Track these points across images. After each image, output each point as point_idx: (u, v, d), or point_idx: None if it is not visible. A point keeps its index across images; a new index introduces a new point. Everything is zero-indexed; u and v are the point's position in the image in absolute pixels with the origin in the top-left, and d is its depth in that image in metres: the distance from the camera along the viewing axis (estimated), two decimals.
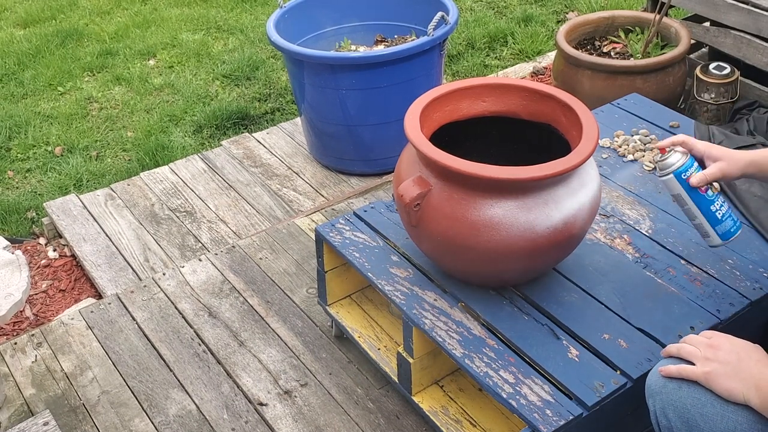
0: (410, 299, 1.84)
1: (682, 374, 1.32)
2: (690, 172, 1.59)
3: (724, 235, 1.63)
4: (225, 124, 3.53)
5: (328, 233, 2.06)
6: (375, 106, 2.82)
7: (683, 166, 1.59)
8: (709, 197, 1.61)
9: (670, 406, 1.31)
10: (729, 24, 2.91)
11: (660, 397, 1.33)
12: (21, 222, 3.03)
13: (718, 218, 1.62)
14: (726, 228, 1.63)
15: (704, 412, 1.28)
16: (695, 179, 1.58)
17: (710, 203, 1.61)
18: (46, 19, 4.58)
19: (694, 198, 1.61)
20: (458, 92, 1.88)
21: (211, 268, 2.55)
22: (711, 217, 1.62)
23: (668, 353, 1.38)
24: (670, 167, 1.60)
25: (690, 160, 1.60)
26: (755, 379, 1.26)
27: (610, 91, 2.82)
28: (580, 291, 1.83)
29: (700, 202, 1.61)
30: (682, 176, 1.59)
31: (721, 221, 1.62)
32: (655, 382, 1.35)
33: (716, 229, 1.63)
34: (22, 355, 2.29)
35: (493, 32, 4.05)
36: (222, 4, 4.65)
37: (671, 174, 1.60)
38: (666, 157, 1.61)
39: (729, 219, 1.63)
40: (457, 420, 1.85)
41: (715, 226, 1.62)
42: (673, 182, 1.61)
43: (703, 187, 1.60)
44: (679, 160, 1.60)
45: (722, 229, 1.63)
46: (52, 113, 3.69)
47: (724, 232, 1.63)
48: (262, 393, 2.11)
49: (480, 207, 1.63)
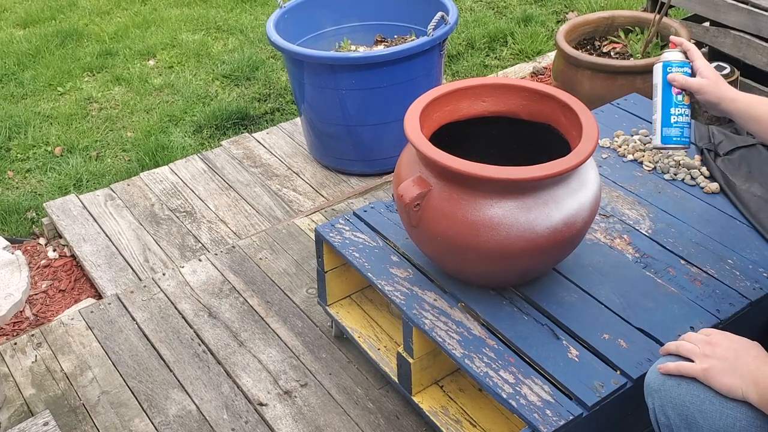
0: (410, 299, 1.84)
1: (681, 371, 1.32)
2: (676, 70, 1.66)
3: (665, 139, 1.68)
4: (225, 124, 3.53)
5: (328, 233, 2.06)
6: (375, 106, 2.82)
7: (674, 62, 1.66)
8: (677, 101, 1.66)
9: (669, 404, 1.32)
10: (729, 24, 2.92)
11: (659, 395, 1.34)
12: (21, 222, 3.03)
13: (670, 121, 1.67)
14: (671, 133, 1.67)
15: (703, 408, 1.28)
16: (673, 75, 1.65)
17: (673, 105, 1.66)
18: (46, 20, 4.58)
19: (664, 92, 1.67)
20: (458, 92, 1.88)
21: (211, 268, 2.55)
22: (666, 116, 1.67)
23: (667, 351, 1.38)
24: (666, 58, 1.68)
25: (685, 62, 1.66)
26: (753, 375, 1.26)
27: (609, 91, 2.82)
28: (580, 291, 1.83)
29: (666, 99, 1.67)
30: (668, 69, 1.67)
31: (671, 125, 1.67)
32: (654, 380, 1.35)
33: (662, 130, 1.67)
34: (22, 356, 2.29)
35: (492, 32, 4.05)
36: (222, 4, 4.65)
37: (661, 63, 1.68)
38: (670, 51, 1.68)
39: (677, 128, 1.67)
40: (457, 420, 1.85)
41: (663, 126, 1.67)
42: (658, 70, 1.68)
43: (676, 89, 1.66)
44: (676, 58, 1.67)
45: (667, 132, 1.67)
46: (51, 113, 3.69)
47: (666, 136, 1.68)
48: (262, 393, 2.12)
49: (480, 207, 1.63)
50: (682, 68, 1.66)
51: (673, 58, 1.67)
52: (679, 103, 1.67)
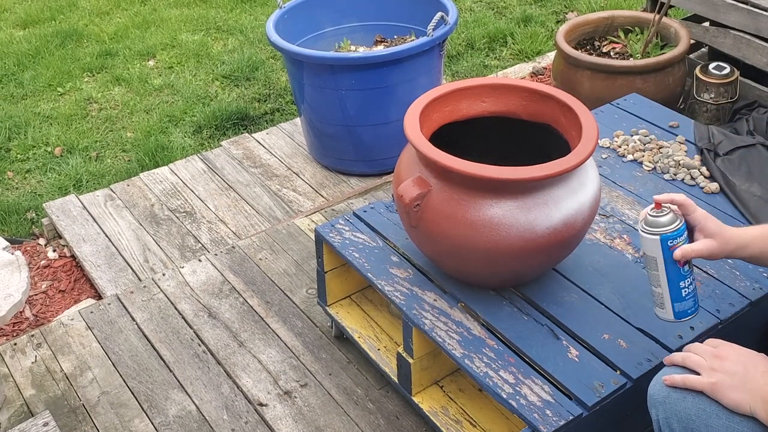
0: (410, 299, 1.84)
1: (688, 384, 1.29)
2: (677, 242, 1.43)
3: (679, 314, 1.49)
4: (224, 124, 3.53)
5: (328, 233, 2.06)
6: (375, 106, 2.82)
7: (673, 233, 1.42)
8: (684, 272, 1.45)
9: (674, 417, 1.30)
10: (728, 24, 2.91)
11: (663, 407, 1.31)
12: (20, 222, 3.03)
13: (682, 295, 1.47)
14: (684, 307, 1.48)
15: (709, 423, 1.26)
16: (679, 253, 1.42)
17: (682, 278, 1.46)
18: (46, 20, 4.58)
19: (668, 268, 1.45)
20: (458, 92, 1.88)
21: (211, 268, 2.55)
22: (676, 292, 1.47)
23: (672, 362, 1.35)
24: (659, 228, 1.43)
25: (682, 227, 1.43)
26: (762, 392, 1.24)
27: (609, 91, 2.82)
28: (579, 291, 1.83)
29: (673, 275, 1.45)
30: (668, 242, 1.43)
31: (684, 299, 1.47)
32: (658, 392, 1.33)
33: (674, 306, 1.48)
34: (21, 356, 2.29)
35: (492, 32, 4.05)
36: (221, 4, 4.65)
37: (658, 237, 1.43)
38: (659, 215, 1.43)
39: (691, 299, 1.48)
40: (457, 420, 1.85)
41: (675, 302, 1.47)
42: (656, 245, 1.43)
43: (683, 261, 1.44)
44: (672, 224, 1.43)
45: (680, 307, 1.48)
46: (51, 114, 3.69)
47: (680, 311, 1.48)
48: (262, 393, 2.11)
49: (480, 207, 1.63)
50: (682, 236, 1.43)
51: (669, 227, 1.42)
52: (687, 274, 1.46)
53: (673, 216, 1.43)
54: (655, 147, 2.27)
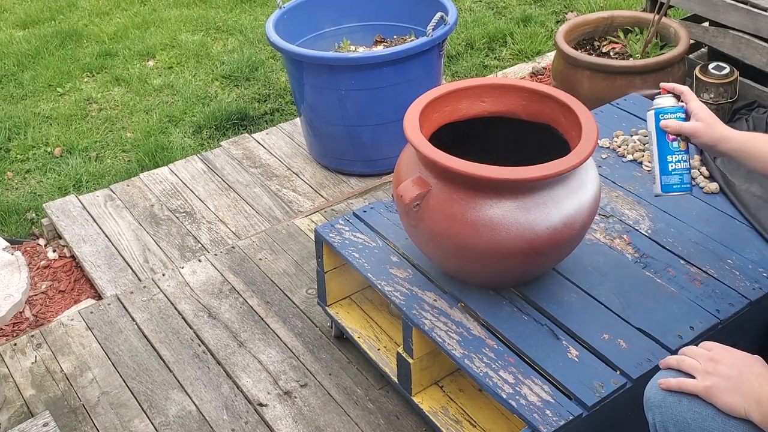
0: (410, 300, 1.84)
1: (683, 388, 1.30)
2: (669, 116, 1.63)
3: (665, 187, 1.66)
4: (224, 124, 3.53)
5: (328, 234, 2.06)
6: (374, 106, 2.82)
7: (667, 109, 1.64)
8: (672, 147, 1.64)
9: (670, 420, 1.30)
10: (728, 24, 2.92)
11: (659, 411, 1.31)
12: (20, 223, 3.03)
13: (668, 169, 1.65)
14: (670, 181, 1.65)
15: (705, 426, 1.26)
16: (665, 121, 1.63)
17: (669, 152, 1.64)
18: (46, 20, 4.58)
19: (659, 140, 1.65)
20: (457, 92, 1.88)
21: (211, 268, 2.55)
22: (663, 164, 1.65)
23: (667, 365, 1.35)
24: (656, 105, 1.65)
25: (678, 108, 1.63)
26: (756, 395, 1.24)
27: (609, 91, 2.82)
28: (579, 291, 1.83)
29: (662, 147, 1.65)
30: (660, 116, 1.64)
31: (670, 173, 1.65)
32: (654, 395, 1.33)
33: (661, 178, 1.66)
34: (21, 356, 2.29)
35: (492, 32, 4.05)
36: (221, 4, 4.66)
37: (653, 110, 1.65)
38: (661, 97, 1.66)
39: (677, 175, 1.65)
40: (457, 420, 1.85)
41: (662, 175, 1.65)
42: (651, 118, 1.65)
43: (671, 136, 1.63)
44: (668, 103, 1.64)
45: (666, 180, 1.65)
46: (51, 114, 3.69)
47: (666, 184, 1.66)
48: (261, 393, 2.12)
49: (479, 207, 1.63)
50: (675, 114, 1.64)
51: (664, 104, 1.65)
52: (676, 150, 1.64)
53: (672, 99, 1.65)
54: None
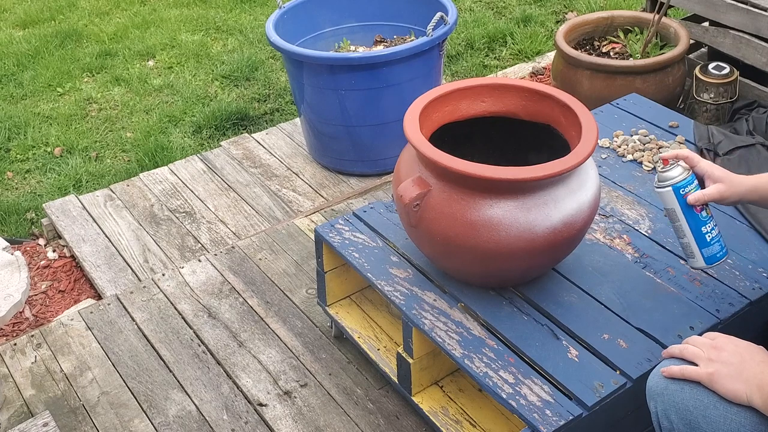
0: (410, 300, 1.84)
1: (685, 375, 1.31)
2: (688, 189, 1.56)
3: (709, 259, 1.60)
4: (224, 124, 3.53)
5: (328, 234, 2.06)
6: (374, 106, 2.82)
7: (683, 182, 1.56)
8: (702, 218, 1.58)
9: (672, 408, 1.31)
10: (728, 24, 2.92)
11: (662, 399, 1.32)
12: (20, 223, 3.03)
13: (706, 240, 1.59)
14: (712, 252, 1.60)
15: (707, 414, 1.27)
16: (692, 197, 1.55)
17: (702, 224, 1.58)
18: (45, 20, 4.58)
19: (687, 216, 1.58)
20: (457, 92, 1.88)
21: (211, 268, 2.55)
22: (700, 238, 1.59)
23: (670, 354, 1.37)
24: (669, 180, 1.57)
25: (691, 176, 1.57)
26: (758, 380, 1.25)
27: (609, 91, 2.82)
28: (579, 291, 1.83)
29: (693, 222, 1.58)
30: (680, 191, 1.56)
31: (709, 244, 1.59)
32: (657, 384, 1.34)
33: (702, 252, 1.60)
34: (21, 356, 2.29)
35: (492, 32, 4.05)
36: (221, 4, 4.65)
37: (670, 187, 1.57)
38: (667, 169, 1.57)
39: (717, 244, 1.60)
40: (456, 420, 1.85)
41: (702, 248, 1.59)
42: (670, 196, 1.57)
43: (698, 207, 1.57)
44: (680, 175, 1.56)
45: (708, 253, 1.60)
46: (51, 114, 3.69)
47: (709, 256, 1.60)
48: (261, 393, 2.11)
49: (479, 207, 1.63)
50: (693, 183, 1.57)
51: (679, 178, 1.56)
52: (707, 219, 1.58)
53: (681, 168, 1.57)
54: (655, 147, 2.27)
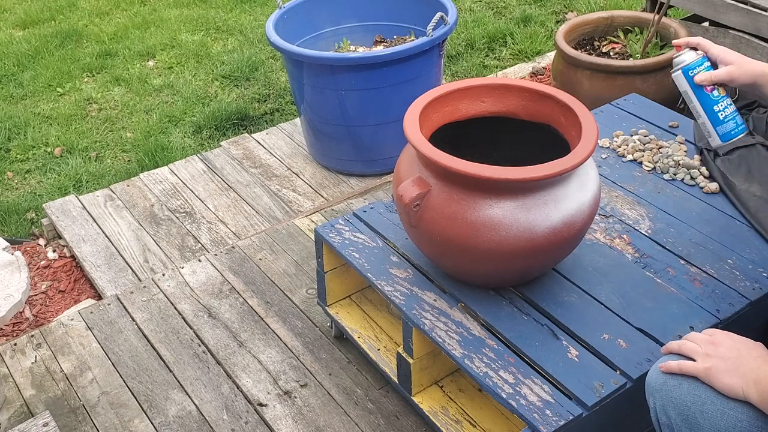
0: (410, 300, 1.84)
1: (683, 370, 1.32)
2: (698, 70, 1.62)
3: (724, 136, 1.65)
4: (224, 124, 3.53)
5: (328, 234, 2.06)
6: (374, 106, 2.82)
7: (692, 63, 1.63)
8: (714, 97, 1.63)
9: (670, 404, 1.32)
10: (728, 24, 2.92)
11: (660, 395, 1.33)
12: (20, 223, 3.03)
13: (720, 119, 1.64)
14: (727, 129, 1.65)
15: (704, 409, 1.28)
16: (700, 77, 1.62)
17: (714, 103, 1.63)
18: (45, 20, 4.58)
19: (698, 96, 1.64)
20: (457, 93, 1.88)
21: (211, 268, 2.55)
22: (713, 116, 1.64)
23: (668, 350, 1.38)
24: (680, 64, 1.64)
25: (702, 59, 1.63)
26: (755, 374, 1.26)
27: (609, 91, 2.82)
28: (579, 291, 1.83)
29: (704, 101, 1.64)
30: (689, 73, 1.63)
31: (723, 122, 1.64)
32: (655, 380, 1.35)
33: (717, 129, 1.65)
34: (21, 356, 2.29)
35: (492, 33, 4.05)
36: (221, 4, 4.66)
37: (680, 70, 1.64)
38: (679, 54, 1.65)
39: (731, 121, 1.65)
40: (456, 420, 1.85)
41: (716, 126, 1.65)
42: (681, 78, 1.64)
43: (709, 87, 1.62)
44: (690, 58, 1.63)
45: (723, 130, 1.65)
46: (51, 114, 3.69)
47: (724, 133, 1.65)
48: (261, 393, 2.12)
49: (479, 207, 1.63)
50: (702, 65, 1.63)
51: (689, 60, 1.64)
52: (719, 98, 1.64)
53: (692, 53, 1.64)
54: (655, 147, 2.27)
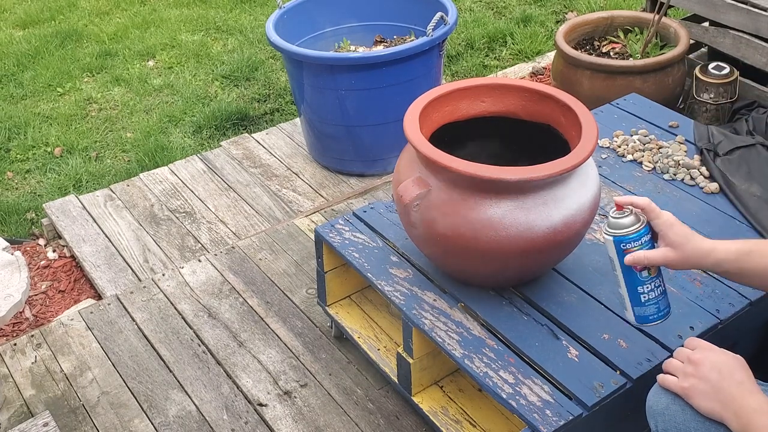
0: (410, 300, 1.84)
1: (665, 385, 1.31)
2: (632, 246, 1.40)
3: (639, 319, 1.48)
4: (224, 124, 3.53)
5: (328, 234, 2.06)
6: (374, 106, 2.82)
7: (628, 237, 1.40)
8: (642, 278, 1.43)
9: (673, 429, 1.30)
10: (728, 24, 2.92)
11: (662, 419, 1.31)
12: (20, 223, 3.03)
13: (641, 301, 1.46)
14: (644, 313, 1.47)
15: None
16: (630, 257, 1.40)
17: (639, 284, 1.44)
18: (45, 20, 4.58)
19: (623, 271, 1.44)
20: (457, 92, 1.88)
21: (211, 268, 2.55)
22: (634, 296, 1.46)
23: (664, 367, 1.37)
24: (614, 229, 1.42)
25: (642, 230, 1.40)
26: (735, 406, 1.22)
27: (609, 91, 2.82)
28: (579, 291, 1.83)
29: (629, 279, 1.44)
30: (621, 246, 1.41)
31: (643, 305, 1.46)
32: (657, 402, 1.33)
33: (634, 309, 1.47)
34: (21, 356, 2.29)
35: (492, 32, 4.05)
36: (221, 4, 4.65)
37: (611, 238, 1.42)
38: (618, 216, 1.42)
39: (653, 305, 1.46)
40: (456, 420, 1.85)
41: (634, 306, 1.47)
42: (611, 246, 1.43)
43: (638, 267, 1.42)
44: (629, 228, 1.40)
45: (640, 312, 1.47)
46: (51, 114, 3.69)
47: (640, 316, 1.47)
48: (261, 393, 2.12)
49: (479, 207, 1.63)
50: (639, 240, 1.40)
51: (625, 231, 1.40)
52: (647, 279, 1.43)
53: (633, 219, 1.41)
54: (655, 147, 2.27)
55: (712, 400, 1.24)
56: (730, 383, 1.25)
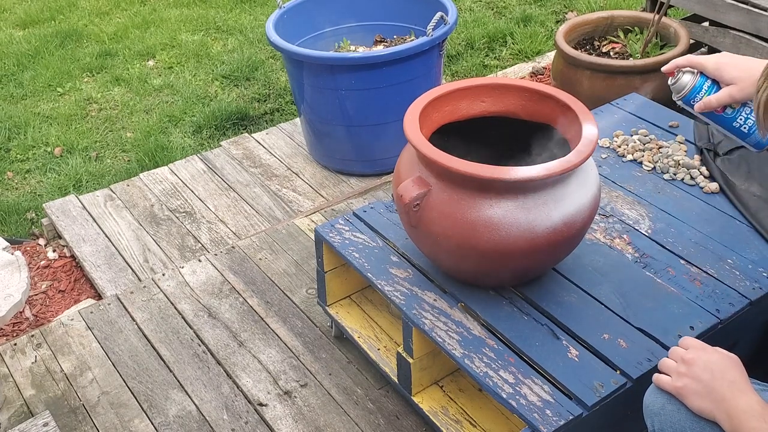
0: (410, 300, 1.84)
1: (659, 384, 1.32)
2: (699, 96, 1.50)
3: (758, 145, 1.53)
4: (224, 124, 3.53)
5: (328, 234, 2.06)
6: (374, 106, 2.82)
7: (691, 92, 1.51)
8: (728, 115, 1.50)
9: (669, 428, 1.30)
10: (728, 24, 2.92)
11: (659, 419, 1.32)
12: (20, 223, 3.03)
13: (744, 132, 1.51)
14: (757, 139, 1.52)
15: None
16: (698, 105, 1.50)
17: (732, 120, 1.51)
18: (45, 20, 4.58)
19: (712, 119, 1.53)
20: (457, 92, 1.88)
21: (211, 268, 2.55)
22: (737, 132, 1.52)
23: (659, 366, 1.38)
24: (678, 92, 1.53)
25: (700, 80, 1.50)
26: (727, 406, 1.22)
27: (609, 91, 2.82)
28: (579, 291, 1.83)
29: (721, 122, 1.52)
30: (692, 102, 1.52)
31: (749, 134, 1.51)
32: (653, 402, 1.34)
33: (747, 141, 1.53)
34: (21, 356, 2.29)
35: (492, 32, 4.05)
36: (221, 4, 4.66)
37: (681, 100, 1.53)
38: (675, 80, 1.53)
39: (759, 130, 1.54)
40: (457, 420, 1.85)
41: (745, 139, 1.53)
42: (687, 107, 1.54)
43: (718, 109, 1.50)
44: (688, 84, 1.51)
45: (753, 141, 1.52)
46: (51, 114, 3.69)
47: (756, 143, 1.53)
48: (261, 393, 2.12)
49: (479, 207, 1.63)
50: (701, 90, 1.50)
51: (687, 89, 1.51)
52: (734, 114, 1.51)
53: (687, 76, 1.51)
54: (655, 147, 2.27)
55: (704, 400, 1.25)
56: (722, 383, 1.25)
